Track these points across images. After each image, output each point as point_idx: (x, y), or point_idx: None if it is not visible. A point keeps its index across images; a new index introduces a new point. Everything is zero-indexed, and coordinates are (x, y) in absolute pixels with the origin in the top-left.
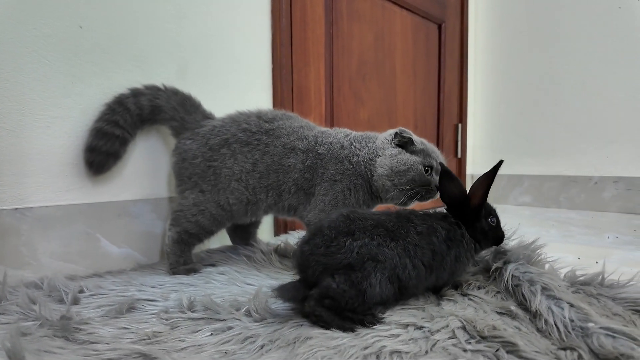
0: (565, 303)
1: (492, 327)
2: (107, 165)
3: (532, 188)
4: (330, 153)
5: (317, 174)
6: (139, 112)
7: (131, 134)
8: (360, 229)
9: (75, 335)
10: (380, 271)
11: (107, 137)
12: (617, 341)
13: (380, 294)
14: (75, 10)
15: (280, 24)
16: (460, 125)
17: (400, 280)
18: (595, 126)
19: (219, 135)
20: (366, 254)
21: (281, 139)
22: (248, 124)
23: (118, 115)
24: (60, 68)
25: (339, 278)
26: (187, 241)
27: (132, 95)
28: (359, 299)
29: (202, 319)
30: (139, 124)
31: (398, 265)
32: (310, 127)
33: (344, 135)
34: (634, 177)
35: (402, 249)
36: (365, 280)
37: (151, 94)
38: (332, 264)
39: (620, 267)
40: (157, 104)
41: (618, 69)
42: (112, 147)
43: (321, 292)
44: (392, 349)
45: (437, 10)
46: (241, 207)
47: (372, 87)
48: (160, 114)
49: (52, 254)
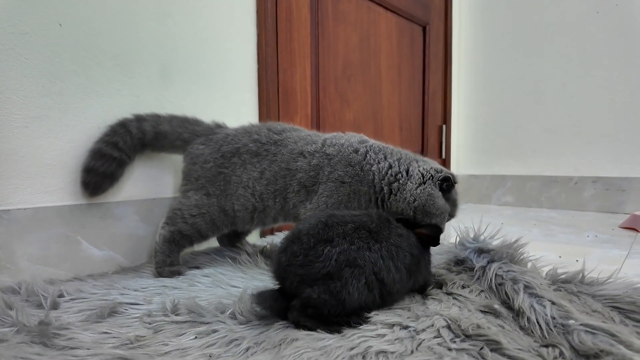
0: (547, 301)
1: (476, 326)
2: (102, 187)
3: (514, 188)
4: (340, 154)
5: (322, 172)
6: (140, 136)
7: (130, 156)
8: (339, 234)
9: (54, 341)
10: (356, 277)
11: (105, 158)
12: (596, 337)
13: (359, 300)
14: (54, 7)
15: (265, 24)
16: (444, 127)
17: (384, 284)
18: (574, 128)
19: (231, 144)
20: (344, 261)
21: (288, 146)
22: (259, 135)
23: (118, 137)
24: (39, 66)
25: (317, 289)
26: (179, 242)
27: (136, 120)
28: (339, 307)
29: (186, 322)
30: (140, 147)
31: (382, 269)
32: (319, 135)
33: (359, 141)
34: (612, 177)
35: (386, 250)
36: (344, 289)
37: (154, 119)
38: (310, 274)
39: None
40: (161, 130)
41: (596, 71)
42: (108, 169)
43: (302, 303)
44: (378, 349)
45: (421, 13)
46: (246, 214)
47: (358, 88)
48: (164, 140)
49: (30, 257)
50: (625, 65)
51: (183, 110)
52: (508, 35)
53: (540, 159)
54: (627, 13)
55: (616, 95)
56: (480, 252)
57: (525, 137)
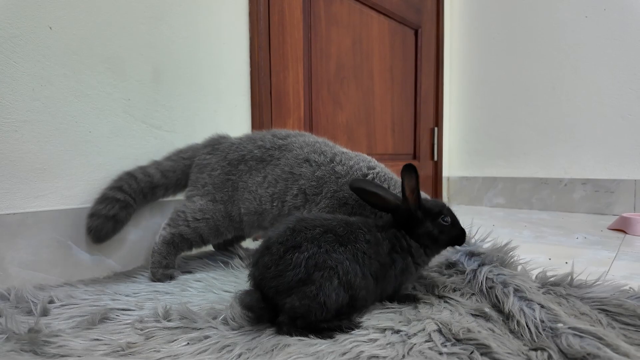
0: (536, 304)
1: (467, 330)
2: (105, 229)
3: (505, 190)
4: (350, 176)
5: (327, 187)
6: (147, 179)
7: (135, 199)
8: (307, 239)
9: (44, 349)
10: (328, 279)
11: (108, 201)
12: (584, 341)
13: (337, 301)
14: (44, 10)
15: (258, 27)
16: (436, 129)
17: (352, 287)
18: (564, 130)
19: (237, 152)
20: (313, 265)
21: (293, 152)
22: (263, 141)
23: (123, 181)
24: (29, 70)
25: (296, 296)
26: (178, 245)
27: (139, 168)
28: (323, 310)
29: (178, 328)
30: (148, 190)
31: (349, 271)
32: (329, 145)
33: (368, 167)
34: (601, 179)
35: (352, 254)
36: (320, 291)
37: (154, 163)
38: (284, 284)
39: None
40: (164, 166)
41: (585, 75)
42: (111, 210)
43: (289, 316)
44: (370, 354)
45: (413, 16)
46: (252, 217)
47: (351, 91)
48: (172, 174)
49: (20, 263)
50: (613, 68)
51: (175, 112)
52: (499, 38)
53: (531, 161)
54: (615, 18)
55: (604, 99)
56: (471, 255)
57: (516, 140)
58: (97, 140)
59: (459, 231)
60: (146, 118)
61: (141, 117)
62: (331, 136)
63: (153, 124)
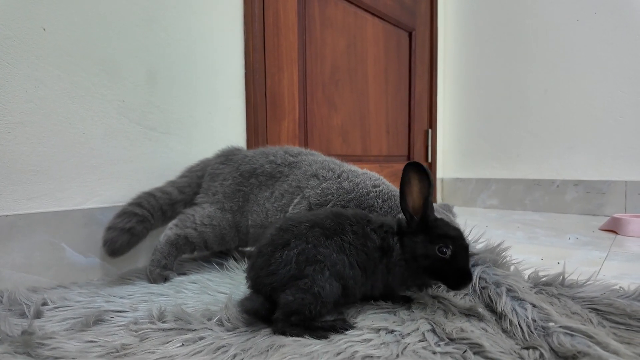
0: (529, 304)
1: (460, 330)
2: (119, 242)
3: (498, 191)
4: (355, 193)
5: (332, 202)
6: (166, 196)
7: (153, 215)
8: (295, 236)
9: (38, 351)
10: (320, 272)
11: (126, 215)
12: (575, 339)
13: (331, 293)
14: (38, 12)
15: (252, 30)
16: (430, 131)
17: (342, 277)
18: (557, 132)
19: (249, 164)
20: (303, 261)
21: (302, 168)
22: (275, 156)
23: (142, 199)
24: (22, 71)
25: (290, 291)
26: (180, 247)
27: (157, 188)
28: (318, 302)
29: (172, 329)
30: (167, 207)
31: (337, 262)
32: (337, 163)
33: (372, 184)
34: (592, 180)
35: (337, 245)
36: (313, 283)
37: (169, 182)
38: (278, 281)
39: (580, 267)
40: (180, 183)
41: (577, 77)
42: (127, 224)
43: (284, 312)
44: (365, 354)
45: (407, 19)
46: (258, 230)
47: (345, 93)
48: (188, 189)
49: (13, 265)
50: (604, 71)
51: (169, 114)
52: (492, 41)
53: (524, 162)
54: (606, 21)
55: (596, 101)
56: None
57: (509, 141)
58: (91, 142)
59: (459, 272)
60: (140, 120)
61: (135, 118)
62: (326, 138)
63: (147, 125)
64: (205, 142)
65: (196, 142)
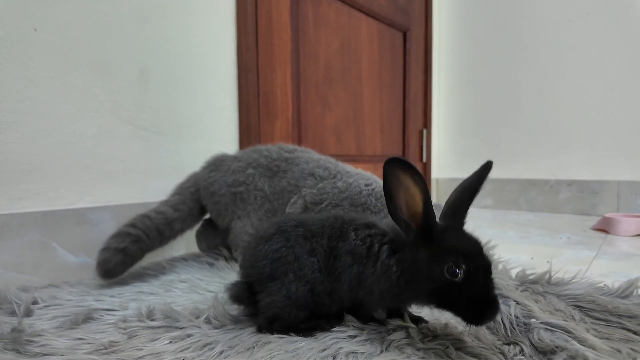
0: (512, 301)
1: (444, 326)
2: (113, 262)
3: (493, 191)
4: (349, 192)
5: (327, 201)
6: (160, 216)
7: (148, 235)
8: (280, 231)
9: (27, 348)
10: (285, 274)
11: (120, 235)
12: (554, 334)
13: (299, 296)
14: (29, 12)
15: (245, 29)
16: (425, 131)
17: (309, 281)
18: (551, 132)
19: (242, 161)
20: (276, 260)
21: (300, 165)
22: (269, 152)
23: (137, 220)
24: (14, 71)
25: (266, 292)
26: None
27: (151, 210)
28: (291, 305)
29: (161, 327)
30: (164, 226)
31: (306, 265)
32: (332, 162)
33: (365, 183)
34: (586, 180)
35: (311, 248)
36: (282, 286)
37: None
38: (255, 276)
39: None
40: (174, 201)
41: (570, 78)
42: (121, 244)
43: (266, 317)
44: (349, 350)
45: (401, 19)
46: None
47: (339, 93)
48: (183, 205)
49: (4, 264)
50: (597, 71)
51: (162, 114)
52: (487, 41)
53: (519, 162)
54: (598, 22)
55: (589, 102)
56: None
57: (504, 141)
58: (83, 142)
59: (475, 301)
60: (133, 119)
61: (128, 118)
62: (320, 138)
63: (140, 125)
64: (197, 141)
65: (188, 142)
